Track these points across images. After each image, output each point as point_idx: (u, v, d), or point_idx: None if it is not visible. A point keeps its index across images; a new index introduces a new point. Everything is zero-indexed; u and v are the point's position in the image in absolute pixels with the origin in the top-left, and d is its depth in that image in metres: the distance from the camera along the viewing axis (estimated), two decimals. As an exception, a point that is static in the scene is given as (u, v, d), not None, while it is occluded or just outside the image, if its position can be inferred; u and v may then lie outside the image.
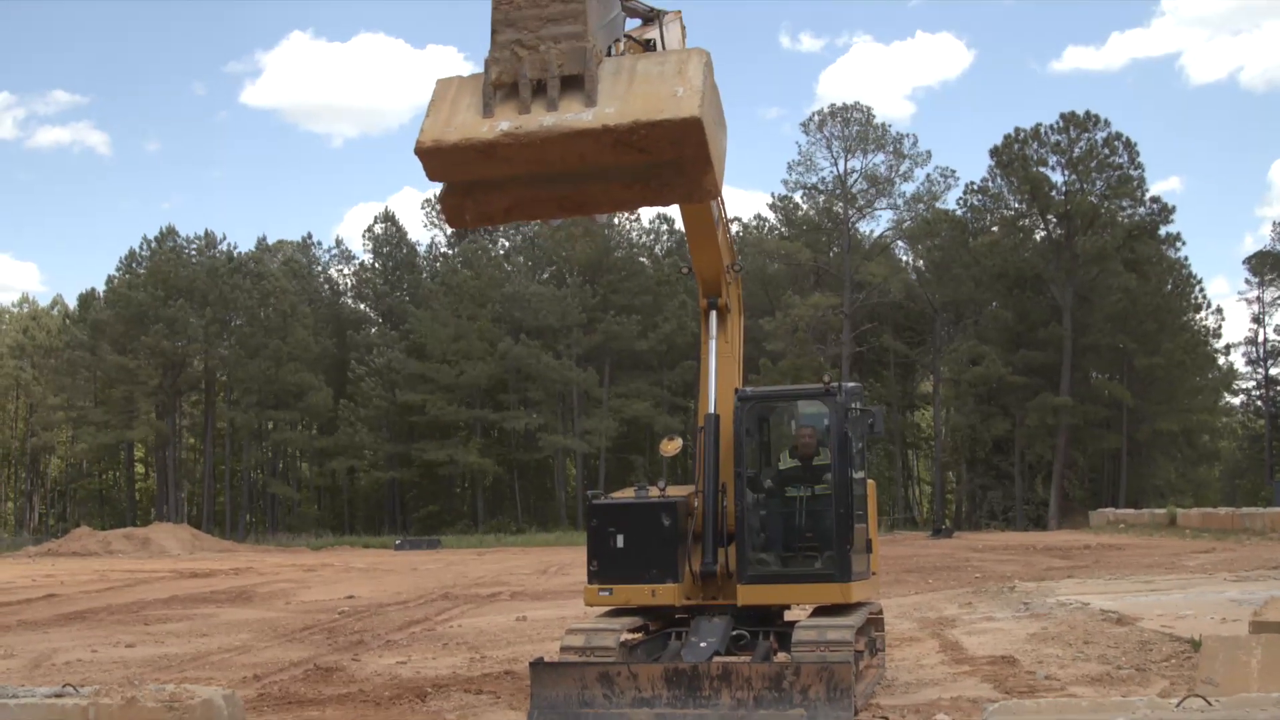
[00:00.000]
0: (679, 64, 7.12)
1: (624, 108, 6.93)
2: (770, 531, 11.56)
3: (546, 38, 7.12)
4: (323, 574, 35.00)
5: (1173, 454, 76.93)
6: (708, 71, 7.07)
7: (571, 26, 7.11)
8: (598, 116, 6.94)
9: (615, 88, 7.07)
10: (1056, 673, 12.58)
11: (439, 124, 7.25)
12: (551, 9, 7.11)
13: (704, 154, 6.97)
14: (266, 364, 76.64)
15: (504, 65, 7.15)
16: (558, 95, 7.05)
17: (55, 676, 13.86)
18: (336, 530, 76.49)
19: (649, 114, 6.85)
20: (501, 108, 7.14)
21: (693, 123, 6.80)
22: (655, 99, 6.92)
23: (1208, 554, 33.56)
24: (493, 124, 7.09)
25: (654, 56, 7.50)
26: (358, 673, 14.08)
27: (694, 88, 6.92)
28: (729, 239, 11.78)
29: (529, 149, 7.05)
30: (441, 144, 7.17)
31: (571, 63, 7.06)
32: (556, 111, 7.02)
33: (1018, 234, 78.36)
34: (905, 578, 28.06)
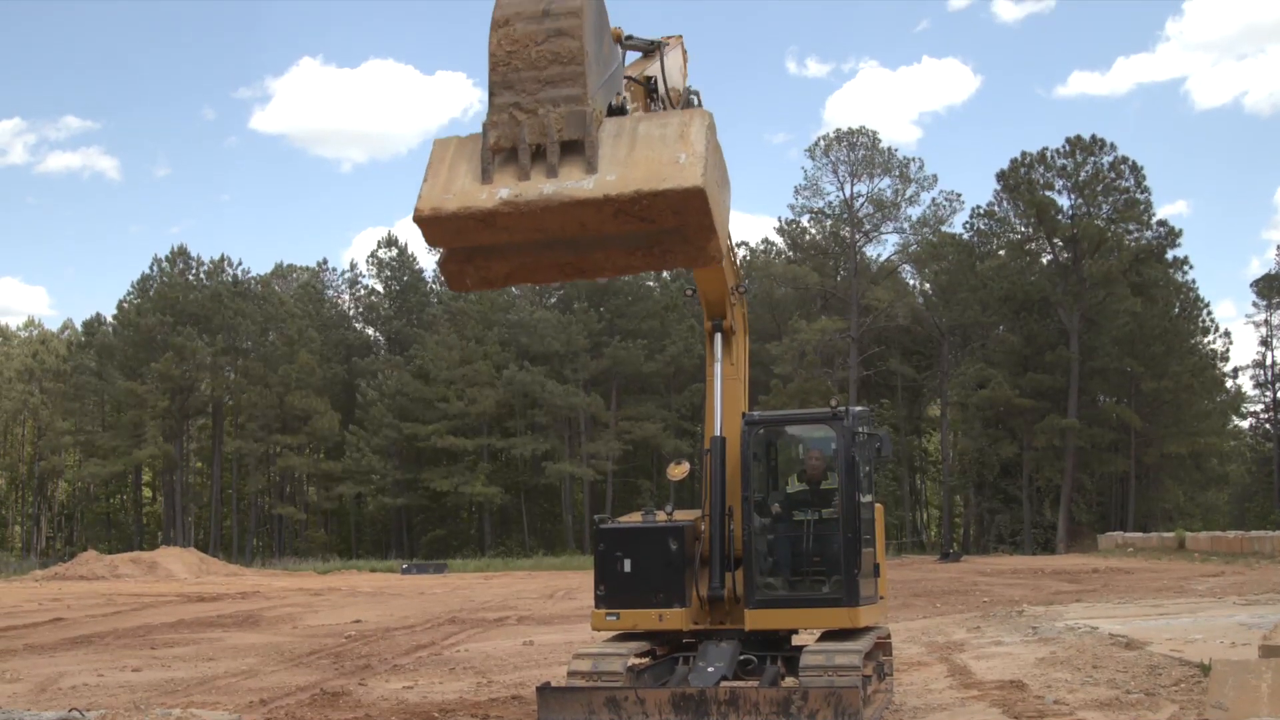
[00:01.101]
0: (681, 127, 7.01)
1: (625, 175, 6.84)
2: (778, 556, 11.54)
3: (545, 101, 7.00)
4: (329, 598, 34.95)
5: (1181, 477, 76.66)
6: (710, 134, 6.98)
7: (570, 89, 6.99)
8: (599, 185, 6.84)
9: (616, 152, 6.97)
10: (1065, 697, 12.53)
11: (436, 190, 7.16)
12: (550, 71, 6.99)
13: (707, 222, 6.88)
14: (273, 389, 76.71)
15: (502, 130, 7.04)
16: (558, 161, 6.96)
17: (61, 701, 13.85)
18: (343, 554, 76.40)
19: (651, 183, 6.76)
20: (500, 173, 7.05)
21: (695, 193, 6.71)
22: (657, 166, 6.83)
23: (1217, 577, 33.44)
24: (492, 191, 7.00)
25: (656, 118, 7.34)
26: (364, 697, 14.06)
27: (696, 154, 6.83)
28: (733, 261, 11.77)
29: (529, 217, 6.95)
30: (440, 212, 7.09)
31: (571, 128, 6.95)
32: (557, 178, 6.93)
33: (1024, 258, 78.35)
34: (913, 602, 27.99)
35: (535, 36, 7.01)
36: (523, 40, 7.02)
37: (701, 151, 6.81)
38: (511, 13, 7.10)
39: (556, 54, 6.97)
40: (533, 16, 7.04)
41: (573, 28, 6.98)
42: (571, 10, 7.01)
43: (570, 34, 6.97)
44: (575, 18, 6.99)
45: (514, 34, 7.04)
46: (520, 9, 7.08)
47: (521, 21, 7.05)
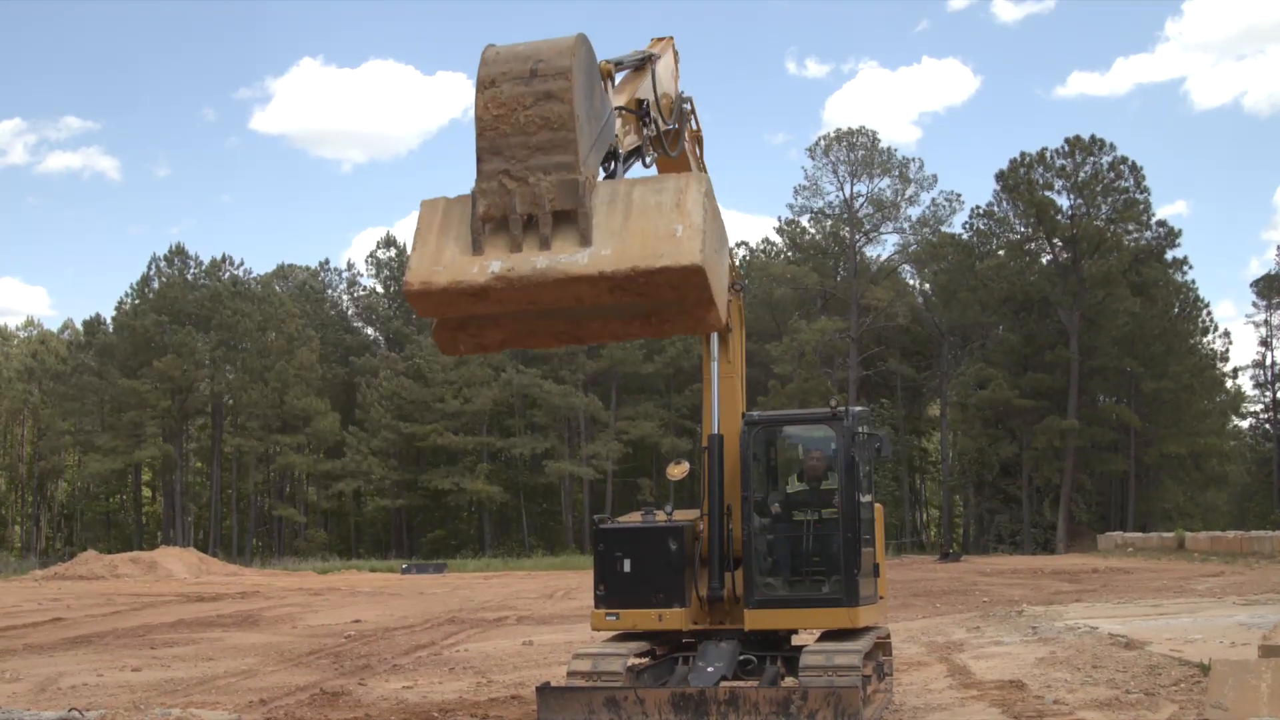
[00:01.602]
0: (677, 194, 6.76)
1: (621, 250, 6.63)
2: (777, 556, 11.54)
3: (536, 168, 6.76)
4: (329, 598, 34.96)
5: (1181, 477, 76.67)
6: (708, 200, 6.77)
7: (562, 156, 6.75)
8: (594, 261, 6.63)
9: (611, 221, 6.74)
10: (1065, 697, 12.54)
11: (426, 262, 6.93)
12: (539, 137, 6.74)
13: (707, 296, 6.69)
14: (272, 388, 76.73)
15: (492, 198, 6.82)
16: (550, 232, 6.74)
17: (61, 700, 13.85)
18: (343, 554, 76.39)
19: (648, 259, 6.54)
20: (491, 243, 6.84)
21: (694, 270, 6.51)
22: (654, 239, 6.61)
23: (1216, 577, 33.45)
24: (483, 264, 6.78)
25: (651, 183, 7.02)
26: (364, 697, 14.06)
27: (694, 225, 6.61)
28: (730, 259, 11.71)
29: (522, 291, 6.76)
30: (431, 286, 6.87)
31: (563, 197, 6.73)
32: (550, 251, 6.71)
33: (1024, 258, 78.40)
34: (913, 602, 28.00)
35: (523, 100, 6.75)
36: (510, 104, 6.76)
37: (699, 223, 6.61)
38: (497, 73, 6.83)
39: (546, 119, 6.72)
40: (520, 78, 6.77)
41: (562, 91, 6.72)
42: (560, 71, 6.74)
43: (559, 97, 6.72)
44: (564, 80, 6.73)
45: (500, 97, 6.77)
46: (506, 69, 6.81)
47: (508, 83, 6.78)
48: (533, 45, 6.85)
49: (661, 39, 9.50)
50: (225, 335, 78.55)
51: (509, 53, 6.86)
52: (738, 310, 11.86)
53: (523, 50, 6.84)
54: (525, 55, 6.80)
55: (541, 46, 6.81)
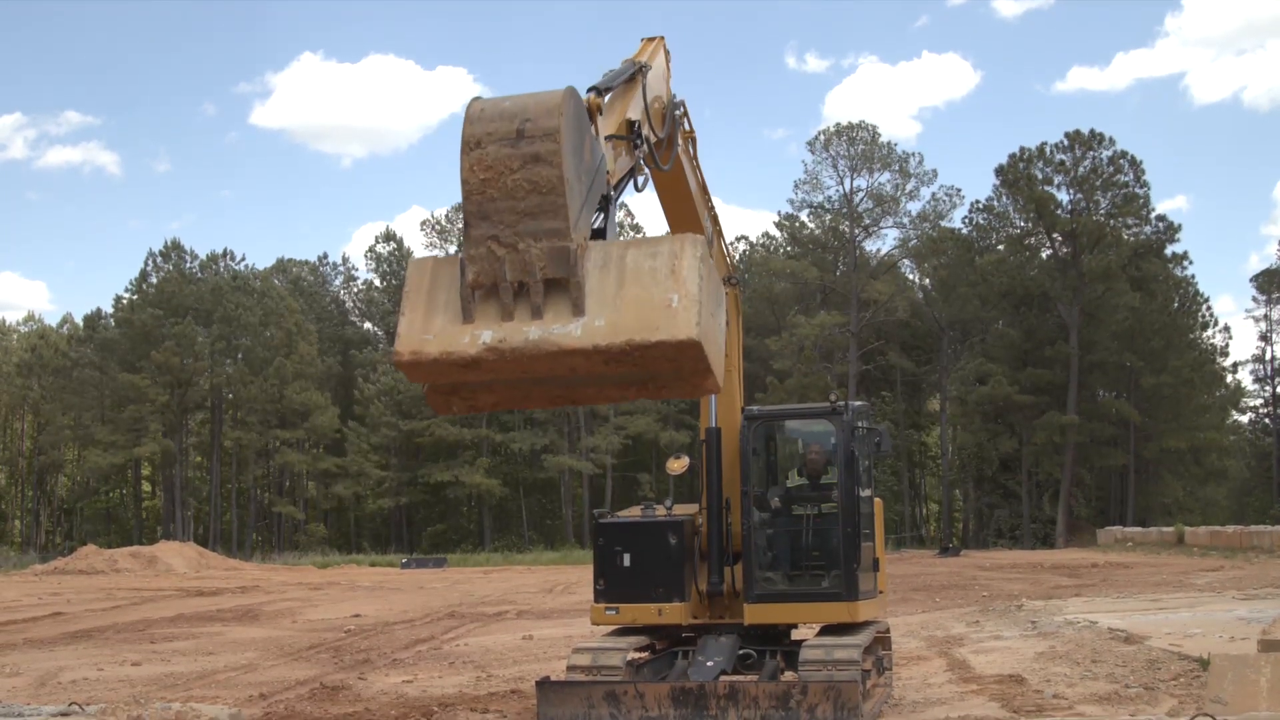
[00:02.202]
0: (671, 258, 6.53)
1: (615, 321, 6.44)
2: (777, 550, 11.55)
3: (525, 234, 6.54)
4: (329, 592, 34.97)
5: (1180, 472, 76.66)
6: (703, 265, 6.55)
7: (552, 222, 6.53)
8: (587, 333, 6.46)
9: (604, 288, 6.54)
10: (1064, 691, 12.55)
11: (415, 330, 6.80)
12: (528, 202, 6.51)
13: (704, 366, 6.56)
14: (271, 383, 76.73)
15: (481, 265, 6.61)
16: (542, 301, 6.57)
17: (61, 695, 13.86)
18: (343, 549, 76.34)
19: (643, 332, 6.37)
20: (482, 310, 6.66)
21: (690, 345, 6.36)
22: (649, 310, 6.42)
23: (1216, 572, 33.47)
24: (474, 334, 6.62)
25: (645, 246, 6.72)
26: (364, 691, 14.07)
27: (689, 295, 6.41)
28: (725, 251, 11.64)
29: (514, 363, 6.63)
30: (421, 357, 6.75)
31: (554, 265, 6.53)
32: (542, 320, 6.54)
33: (1024, 252, 78.35)
34: (912, 596, 28.01)
35: (510, 163, 6.51)
36: (497, 167, 6.54)
37: (694, 292, 6.41)
38: (483, 133, 6.59)
39: (535, 183, 6.49)
40: (506, 139, 6.53)
41: (550, 154, 6.47)
42: (548, 133, 6.48)
43: (548, 160, 6.47)
44: (553, 142, 6.47)
45: (487, 159, 6.54)
46: (492, 129, 6.57)
47: (494, 144, 6.54)
48: (519, 101, 6.61)
49: (651, 39, 9.33)
50: (225, 330, 78.50)
51: (494, 110, 6.62)
52: (734, 302, 11.81)
53: (509, 107, 6.60)
54: (512, 113, 6.56)
55: (528, 104, 6.57)
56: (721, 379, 6.89)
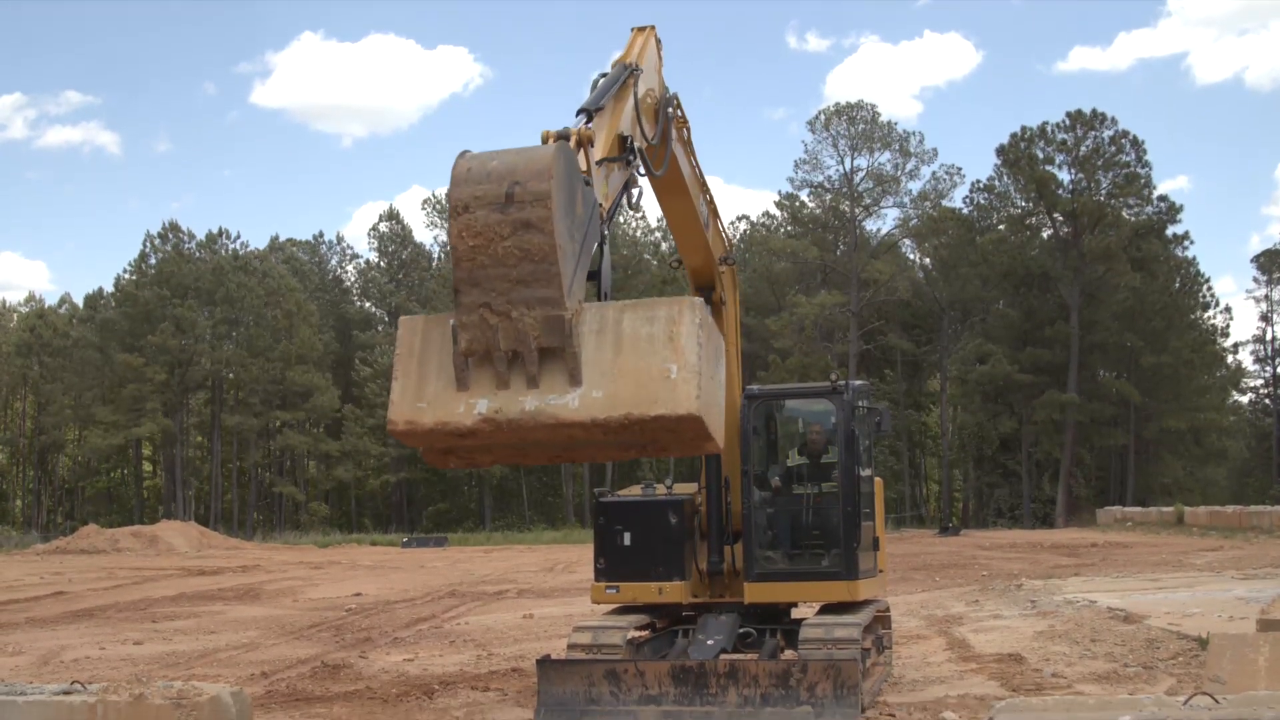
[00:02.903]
0: (669, 325, 6.36)
1: (613, 393, 6.31)
2: (777, 529, 11.57)
3: (518, 302, 6.32)
4: (330, 571, 35.04)
5: (1180, 452, 76.72)
6: (701, 330, 6.38)
7: (545, 291, 6.29)
8: (585, 405, 6.33)
9: (600, 356, 6.39)
10: (1063, 670, 12.58)
11: (409, 397, 6.63)
12: (520, 270, 6.26)
13: (704, 433, 6.44)
14: (273, 364, 76.72)
15: (474, 333, 6.41)
16: (537, 371, 6.41)
17: (63, 674, 13.91)
18: (344, 528, 76.48)
19: (641, 405, 6.25)
20: (477, 377, 6.51)
21: (690, 419, 6.26)
22: (647, 381, 6.28)
23: (1215, 552, 33.52)
24: (469, 403, 6.47)
25: (641, 310, 6.51)
26: (365, 670, 14.11)
27: (688, 365, 6.26)
28: (721, 230, 11.54)
29: (511, 433, 6.52)
30: (416, 428, 6.63)
31: (549, 335, 6.34)
32: (538, 389, 6.40)
33: (1024, 232, 78.26)
34: (912, 575, 28.06)
35: (500, 229, 6.23)
36: (486, 234, 6.25)
37: (693, 362, 6.27)
38: (470, 198, 6.31)
39: (526, 251, 6.23)
40: (495, 203, 6.24)
41: (541, 221, 6.19)
42: (538, 197, 6.20)
43: (539, 227, 6.20)
44: (543, 208, 6.19)
45: (475, 225, 6.26)
46: (480, 193, 6.28)
47: (483, 209, 6.26)
48: (507, 161, 6.32)
49: (642, 29, 9.19)
50: (226, 310, 78.41)
51: (481, 170, 6.33)
52: (731, 280, 11.77)
53: (497, 168, 6.31)
54: (500, 175, 6.28)
55: (517, 164, 6.28)
56: (722, 440, 6.80)
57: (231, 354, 78.75)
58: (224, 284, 77.88)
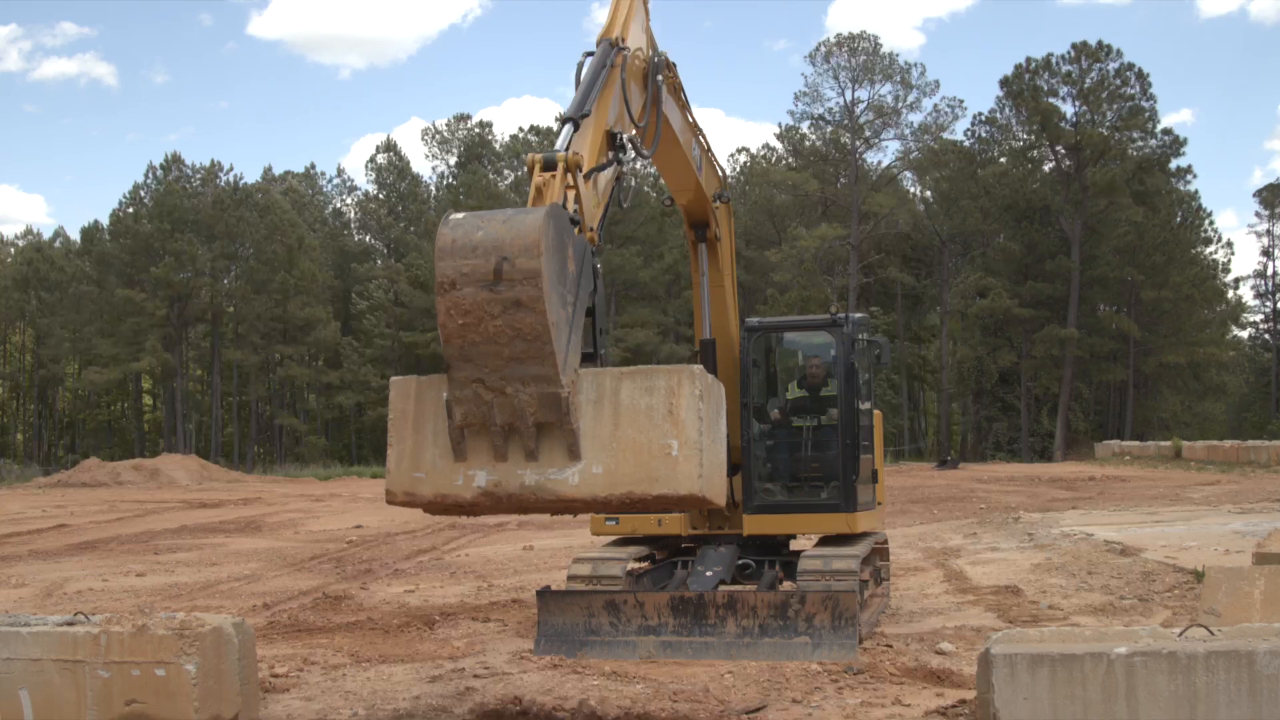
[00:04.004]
0: (669, 397, 6.20)
1: (613, 468, 6.22)
2: (776, 462, 11.59)
3: (513, 379, 6.16)
4: (331, 504, 35.19)
5: (1179, 387, 76.87)
6: (702, 402, 6.25)
7: (539, 368, 6.11)
8: (585, 482, 6.24)
9: (599, 428, 6.27)
10: (1060, 603, 12.66)
11: (406, 466, 6.52)
12: (513, 348, 6.07)
13: (706, 503, 6.37)
14: (272, 297, 76.64)
15: (468, 407, 6.28)
16: (535, 444, 6.30)
17: (67, 605, 14.00)
18: (344, 460, 76.78)
19: (643, 484, 6.18)
20: (474, 447, 6.40)
21: (692, 498, 6.21)
22: (647, 457, 6.18)
23: (1212, 486, 33.65)
24: (468, 475, 6.39)
25: (640, 379, 6.32)
26: (366, 601, 14.20)
27: (689, 440, 6.16)
28: (716, 168, 11.32)
29: (510, 505, 6.46)
30: (415, 499, 6.56)
31: (545, 411, 6.20)
32: (537, 462, 6.30)
33: (1026, 165, 77.85)
34: (910, 508, 28.19)
35: (489, 308, 6.00)
36: (475, 312, 6.03)
37: (694, 437, 6.15)
38: (456, 274, 6.03)
39: (518, 330, 6.02)
40: (483, 280, 5.98)
41: (532, 299, 5.96)
42: (528, 275, 5.94)
43: (530, 306, 5.97)
44: (534, 286, 5.95)
45: (463, 303, 6.03)
46: (467, 269, 6.01)
47: (470, 287, 6.01)
48: (494, 233, 6.03)
49: None
50: (225, 243, 78.15)
51: (467, 242, 6.04)
52: (726, 216, 11.65)
53: (483, 240, 6.02)
54: (487, 248, 5.99)
55: (504, 237, 5.99)
56: (724, 499, 6.75)
57: (231, 287, 78.63)
58: (224, 217, 77.57)
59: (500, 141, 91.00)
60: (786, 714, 7.91)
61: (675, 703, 8.22)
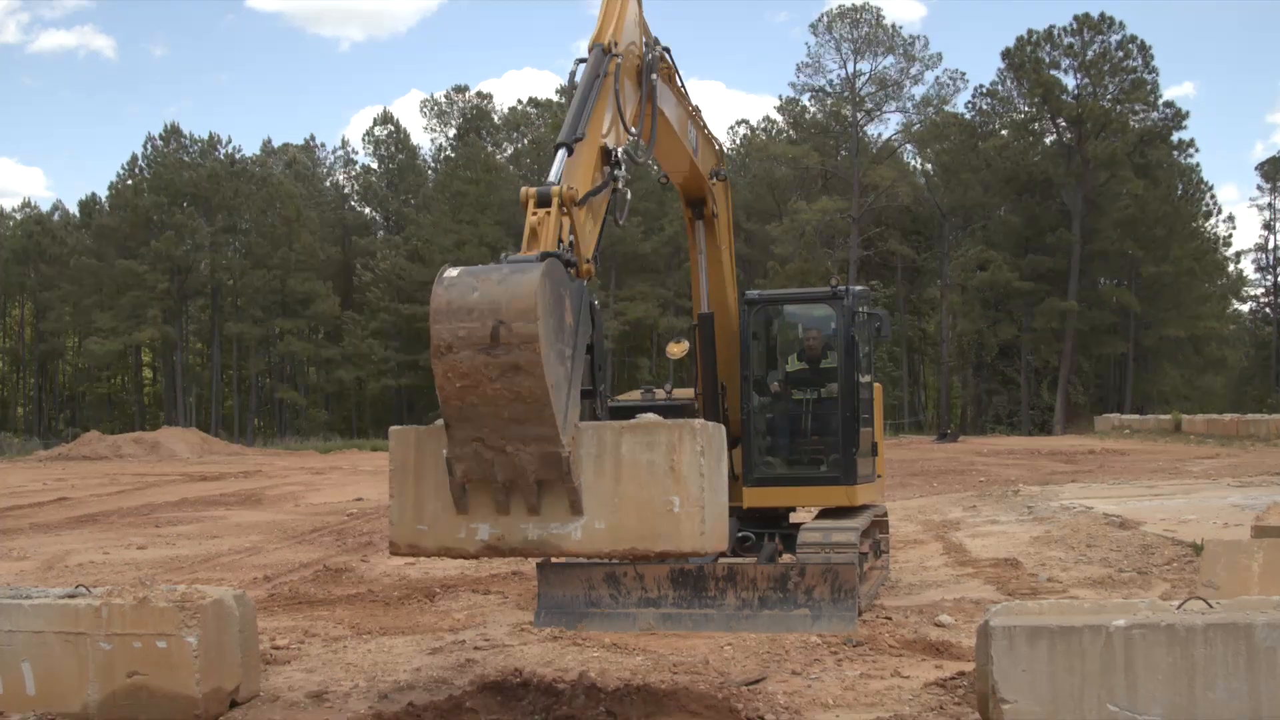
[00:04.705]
0: (669, 453, 6.21)
1: (616, 523, 6.25)
2: (776, 434, 11.59)
3: (513, 438, 6.12)
4: (331, 477, 35.22)
5: (1179, 360, 76.89)
6: (703, 457, 6.25)
7: (539, 429, 6.07)
8: (588, 536, 6.28)
9: (600, 483, 6.28)
10: (1059, 575, 12.69)
11: (408, 519, 6.60)
12: (512, 410, 6.01)
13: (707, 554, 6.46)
14: (272, 270, 76.54)
15: (469, 464, 6.29)
16: (537, 500, 6.31)
17: (68, 578, 14.02)
18: (345, 433, 76.84)
19: (645, 541, 6.23)
20: (476, 500, 6.43)
21: (695, 553, 6.29)
22: (650, 514, 6.20)
23: (1212, 460, 33.70)
24: (470, 528, 6.44)
25: (640, 434, 6.32)
26: (367, 573, 14.23)
27: (691, 498, 6.17)
28: (713, 145, 11.12)
29: (514, 555, 6.57)
30: (418, 551, 6.66)
31: (546, 469, 6.20)
32: (539, 516, 6.33)
33: (1028, 138, 77.63)
34: (910, 481, 28.22)
35: (488, 372, 5.93)
36: (473, 375, 5.97)
37: (696, 494, 6.17)
38: (453, 337, 5.96)
39: (517, 393, 5.96)
40: (480, 345, 5.90)
41: (530, 364, 5.87)
42: (526, 340, 5.84)
43: (529, 371, 5.89)
44: (532, 351, 5.85)
45: (460, 366, 5.96)
46: (464, 332, 5.93)
47: (467, 350, 5.93)
48: (490, 293, 5.94)
49: None
50: (224, 216, 77.98)
51: (462, 304, 5.97)
52: (723, 193, 11.54)
53: (478, 301, 5.94)
54: (483, 311, 5.91)
55: (500, 298, 5.90)
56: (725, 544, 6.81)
57: (231, 261, 78.52)
58: (220, 190, 77.37)
59: (499, 113, 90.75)
60: (786, 685, 7.93)
61: (675, 674, 8.25)
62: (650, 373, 75.47)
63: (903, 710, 7.22)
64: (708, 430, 6.37)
